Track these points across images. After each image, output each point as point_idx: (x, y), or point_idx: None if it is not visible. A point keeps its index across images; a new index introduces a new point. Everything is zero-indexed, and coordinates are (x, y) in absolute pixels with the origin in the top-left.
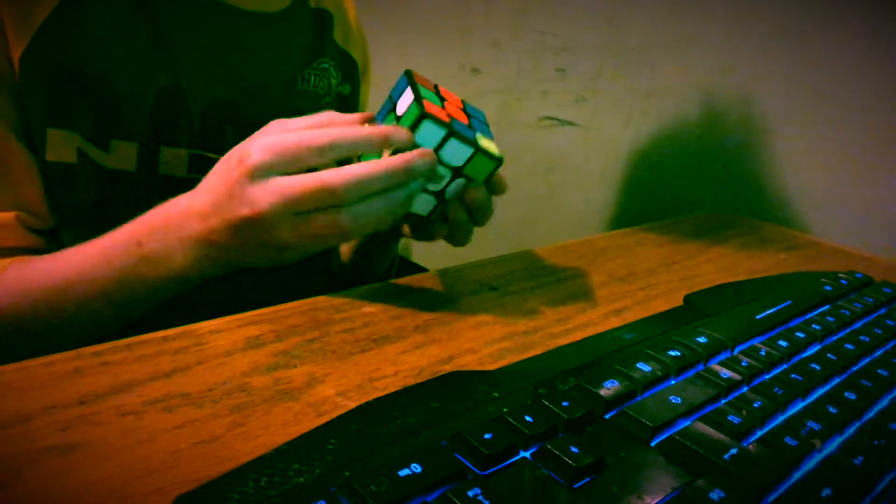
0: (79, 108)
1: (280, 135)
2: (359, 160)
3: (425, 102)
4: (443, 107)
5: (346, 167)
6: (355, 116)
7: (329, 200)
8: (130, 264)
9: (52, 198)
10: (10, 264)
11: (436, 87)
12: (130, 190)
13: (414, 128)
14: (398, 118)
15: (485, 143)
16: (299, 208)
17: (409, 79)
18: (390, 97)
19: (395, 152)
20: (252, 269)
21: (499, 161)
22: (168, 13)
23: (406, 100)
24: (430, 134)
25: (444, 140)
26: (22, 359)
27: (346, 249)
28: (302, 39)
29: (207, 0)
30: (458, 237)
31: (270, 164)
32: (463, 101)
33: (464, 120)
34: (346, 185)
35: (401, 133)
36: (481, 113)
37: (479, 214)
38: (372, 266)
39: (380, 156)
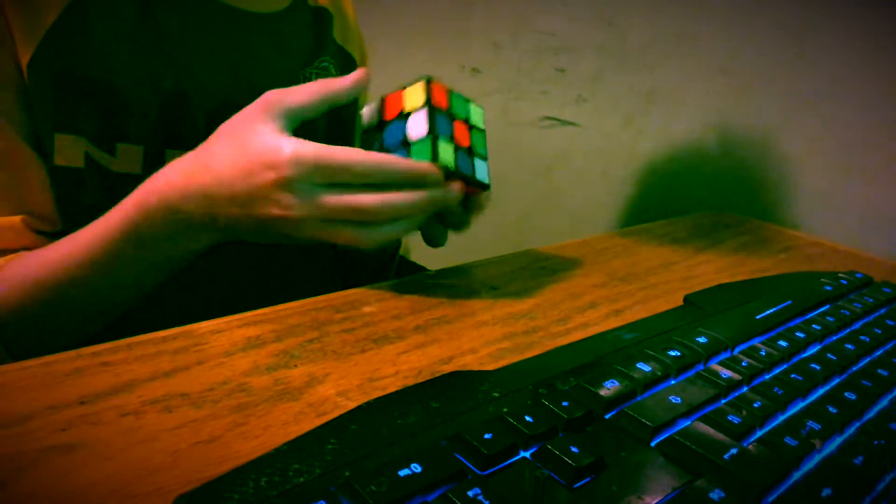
0: (85, 113)
1: (316, 149)
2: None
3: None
4: (450, 133)
5: (384, 195)
6: (351, 77)
7: (359, 218)
8: (130, 248)
9: (60, 202)
10: (10, 260)
11: (450, 93)
12: None
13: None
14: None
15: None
16: (330, 218)
17: (428, 102)
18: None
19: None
20: (253, 271)
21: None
22: (172, 16)
23: (419, 125)
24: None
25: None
26: (30, 354)
27: None
28: (303, 38)
29: (210, 2)
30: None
31: (306, 180)
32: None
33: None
34: (380, 210)
35: (434, 174)
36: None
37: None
38: (382, 253)
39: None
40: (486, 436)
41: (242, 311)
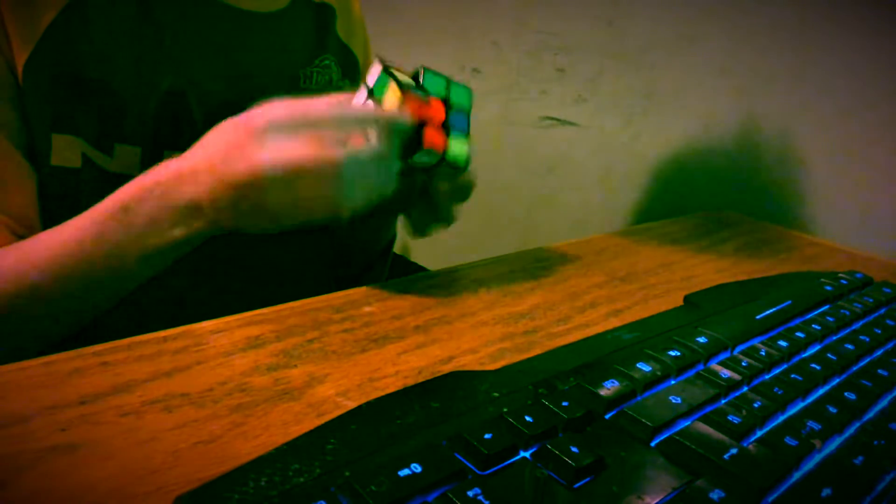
0: (82, 114)
1: (288, 103)
2: None
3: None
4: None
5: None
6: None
7: (327, 170)
8: (119, 232)
9: (56, 202)
10: None
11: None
12: None
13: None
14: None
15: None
16: (295, 167)
17: (388, 71)
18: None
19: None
20: (251, 271)
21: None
22: (172, 17)
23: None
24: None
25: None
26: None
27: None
28: (303, 37)
29: (209, 2)
30: (444, 215)
31: (277, 125)
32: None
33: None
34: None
35: (405, 117)
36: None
37: (459, 195)
38: (374, 242)
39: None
40: (486, 436)
41: (242, 311)
